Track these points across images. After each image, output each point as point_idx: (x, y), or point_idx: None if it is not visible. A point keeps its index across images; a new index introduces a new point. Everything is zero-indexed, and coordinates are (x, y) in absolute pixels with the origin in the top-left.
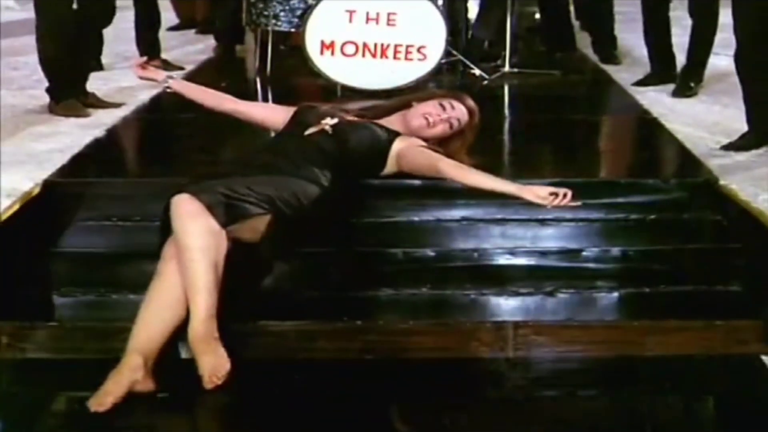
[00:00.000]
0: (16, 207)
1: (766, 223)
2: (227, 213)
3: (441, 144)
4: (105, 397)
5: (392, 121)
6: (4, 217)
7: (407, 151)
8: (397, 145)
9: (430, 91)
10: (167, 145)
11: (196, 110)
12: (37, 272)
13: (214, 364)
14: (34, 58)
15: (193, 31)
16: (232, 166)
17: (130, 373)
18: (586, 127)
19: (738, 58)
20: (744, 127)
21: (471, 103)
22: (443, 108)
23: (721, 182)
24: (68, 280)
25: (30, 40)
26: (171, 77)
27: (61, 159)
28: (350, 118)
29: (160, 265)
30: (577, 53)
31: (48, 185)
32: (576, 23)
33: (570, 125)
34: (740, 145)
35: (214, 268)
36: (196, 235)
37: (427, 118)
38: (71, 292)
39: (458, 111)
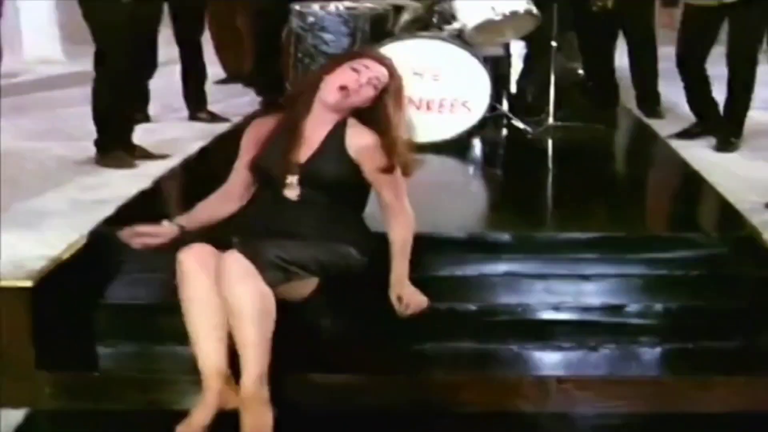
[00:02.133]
0: (63, 258)
1: None
2: (277, 275)
3: (372, 115)
4: (195, 425)
5: (318, 113)
6: (51, 267)
7: (361, 158)
8: (350, 143)
9: (334, 59)
10: None
11: None
12: (81, 322)
13: (257, 424)
14: (81, 109)
15: (240, 84)
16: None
17: (214, 397)
18: (630, 181)
19: None
20: None
21: (387, 60)
22: (357, 71)
23: (765, 237)
24: (112, 331)
25: (77, 92)
26: (167, 223)
27: (108, 210)
28: (299, 160)
29: (188, 283)
30: (620, 108)
31: (94, 236)
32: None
33: (613, 179)
34: None
35: (265, 328)
36: (249, 298)
37: (343, 88)
38: (115, 342)
39: (375, 69)
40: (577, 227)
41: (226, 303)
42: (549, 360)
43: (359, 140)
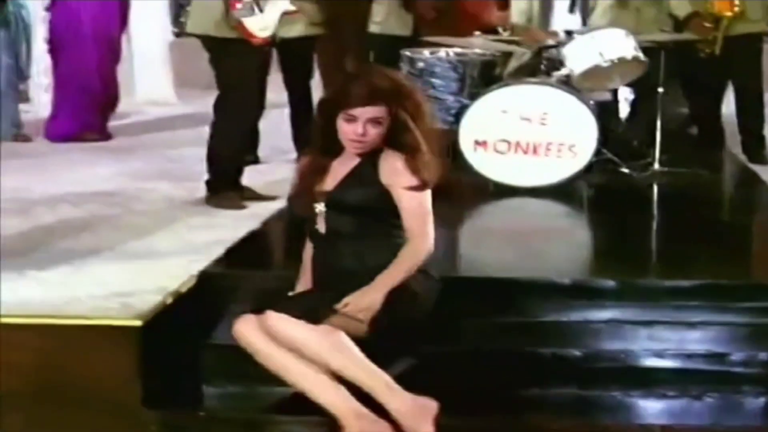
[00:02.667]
0: (172, 297)
1: None
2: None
3: (398, 138)
4: None
5: (347, 151)
6: (160, 306)
7: (390, 181)
8: (382, 170)
9: (327, 99)
10: None
11: None
12: (188, 362)
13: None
14: (191, 150)
15: None
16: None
17: None
18: (735, 228)
19: None
20: None
21: (380, 81)
22: (351, 121)
23: None
24: (219, 371)
25: (188, 134)
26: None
27: (217, 251)
28: (327, 188)
29: (261, 357)
30: (726, 152)
31: (203, 277)
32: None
33: (718, 225)
34: None
35: (349, 353)
36: (311, 336)
37: (352, 140)
38: (221, 383)
39: (366, 111)
40: (681, 274)
41: (300, 354)
42: (652, 408)
43: (389, 165)
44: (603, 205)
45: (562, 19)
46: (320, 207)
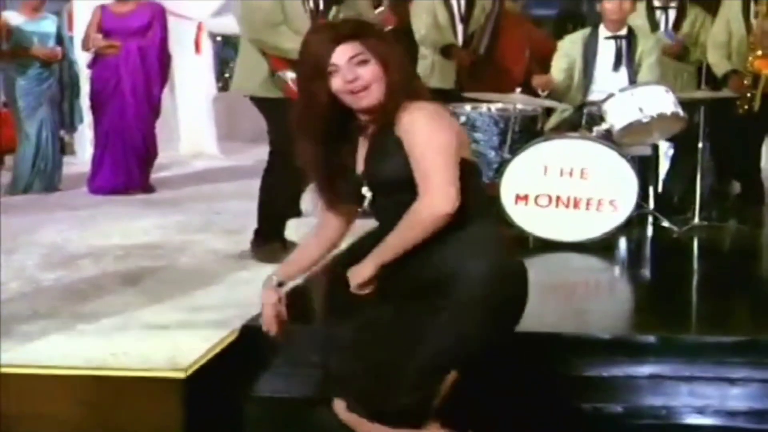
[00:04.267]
0: (215, 350)
1: None
2: None
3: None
4: None
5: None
6: (204, 359)
7: (402, 133)
8: (400, 129)
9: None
10: None
11: None
12: (232, 415)
13: None
14: (235, 204)
15: None
16: None
17: None
18: None
19: None
20: None
21: (340, 24)
22: (332, 73)
23: None
24: (262, 424)
25: (229, 186)
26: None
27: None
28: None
29: None
30: (766, 207)
31: (246, 330)
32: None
33: (760, 281)
34: None
35: None
36: None
37: (344, 93)
38: None
39: (342, 51)
40: (722, 330)
41: None
42: None
43: (405, 115)
44: (643, 260)
45: (605, 76)
46: (366, 191)
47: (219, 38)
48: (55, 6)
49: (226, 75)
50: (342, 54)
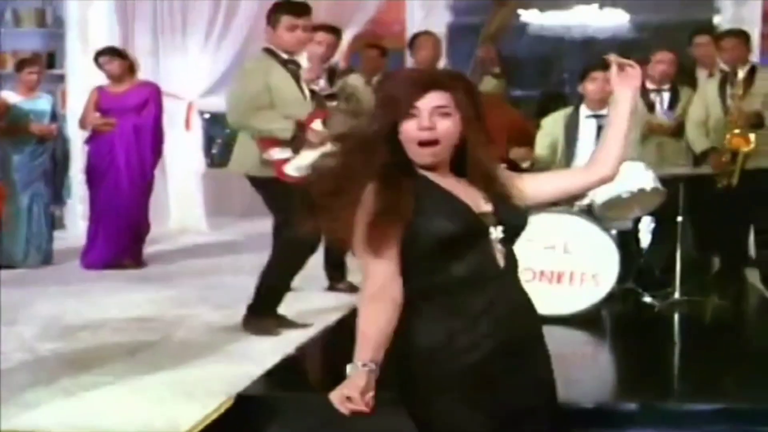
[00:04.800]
0: (213, 417)
1: None
2: None
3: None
4: None
5: None
6: (202, 426)
7: None
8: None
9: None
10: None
11: None
12: None
13: None
14: (227, 278)
15: None
16: None
17: None
18: (755, 354)
19: None
20: None
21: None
22: (414, 115)
23: None
24: None
25: (218, 261)
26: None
27: (254, 374)
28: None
29: None
30: (746, 282)
31: (241, 399)
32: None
33: (739, 352)
34: None
35: None
36: None
37: (422, 144)
38: None
39: (430, 98)
40: (703, 398)
41: None
42: None
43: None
44: (625, 333)
45: (587, 152)
46: (496, 232)
47: (207, 116)
48: (49, 85)
49: (213, 151)
50: (429, 101)
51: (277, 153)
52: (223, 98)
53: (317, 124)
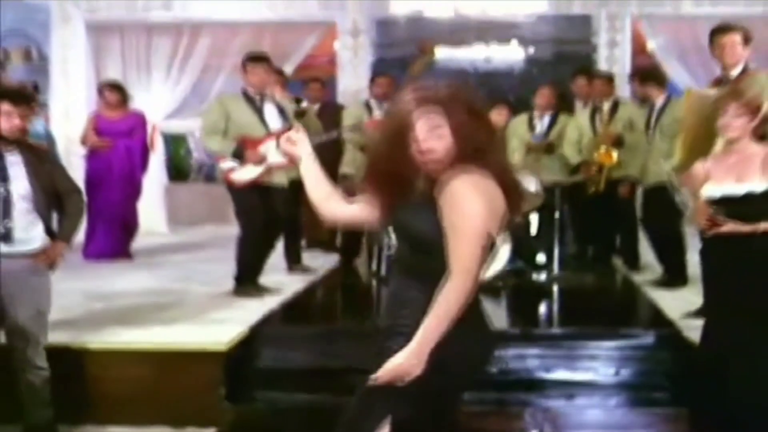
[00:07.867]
0: (240, 337)
1: None
2: None
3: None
4: None
5: None
6: (234, 342)
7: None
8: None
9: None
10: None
11: None
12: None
13: None
14: (199, 266)
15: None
16: None
17: None
18: (610, 310)
19: None
20: None
21: (431, 90)
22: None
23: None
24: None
25: (190, 255)
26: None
27: (241, 326)
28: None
29: None
30: (612, 266)
31: (251, 331)
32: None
33: (604, 309)
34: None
35: None
36: None
37: (421, 153)
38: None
39: (427, 120)
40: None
41: None
42: None
43: (446, 182)
44: (515, 298)
45: None
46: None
47: (168, 137)
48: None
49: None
50: (422, 127)
51: (226, 164)
52: (183, 122)
53: (267, 146)
